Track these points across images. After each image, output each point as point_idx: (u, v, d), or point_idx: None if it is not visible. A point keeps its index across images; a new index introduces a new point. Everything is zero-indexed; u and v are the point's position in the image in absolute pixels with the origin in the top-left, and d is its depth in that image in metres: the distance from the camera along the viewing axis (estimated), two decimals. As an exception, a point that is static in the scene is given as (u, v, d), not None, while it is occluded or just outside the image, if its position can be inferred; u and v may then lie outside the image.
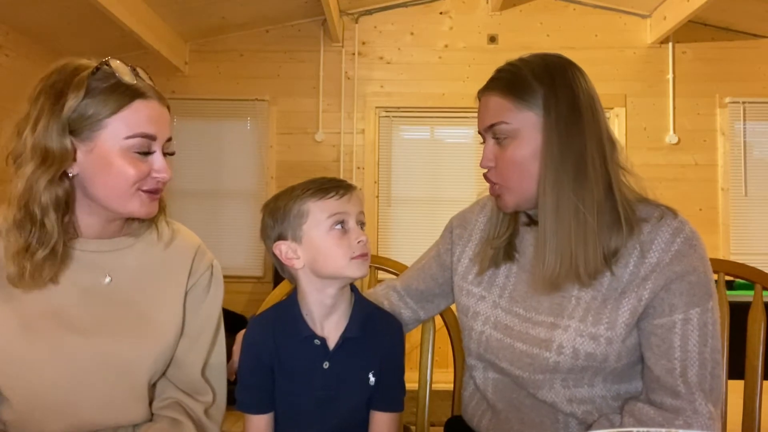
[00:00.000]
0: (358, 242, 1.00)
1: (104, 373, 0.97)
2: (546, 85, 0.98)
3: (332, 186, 1.01)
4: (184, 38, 4.19)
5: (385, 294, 1.24)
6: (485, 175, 1.05)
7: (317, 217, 1.00)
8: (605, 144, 0.98)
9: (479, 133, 1.06)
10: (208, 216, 4.21)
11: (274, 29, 4.29)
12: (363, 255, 1.00)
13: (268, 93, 4.23)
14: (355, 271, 0.99)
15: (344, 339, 1.02)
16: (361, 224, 1.02)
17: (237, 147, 4.28)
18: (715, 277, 1.27)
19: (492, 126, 1.01)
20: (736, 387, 1.25)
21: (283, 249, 1.02)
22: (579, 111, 0.97)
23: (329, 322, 1.03)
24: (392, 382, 1.06)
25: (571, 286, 0.98)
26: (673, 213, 0.99)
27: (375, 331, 1.05)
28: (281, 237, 1.03)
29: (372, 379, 1.03)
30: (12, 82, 3.28)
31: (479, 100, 1.06)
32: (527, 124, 0.98)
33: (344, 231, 1.00)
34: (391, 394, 1.06)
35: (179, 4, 3.64)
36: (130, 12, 3.25)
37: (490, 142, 1.03)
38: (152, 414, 1.04)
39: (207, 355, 1.08)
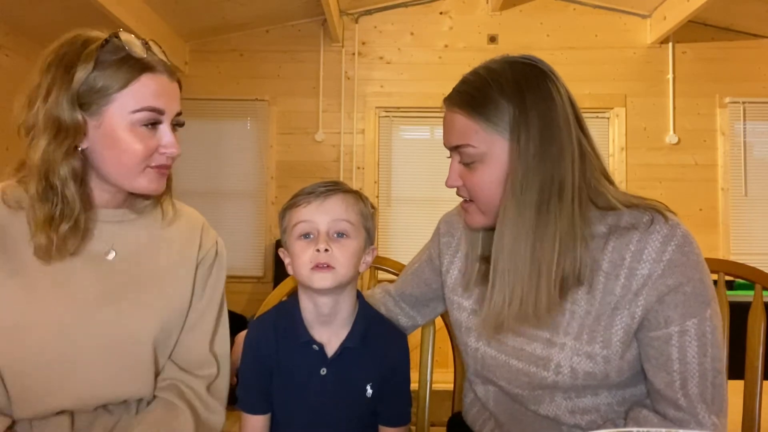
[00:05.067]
0: (317, 251, 0.96)
1: (109, 345, 0.97)
2: (515, 104, 0.89)
3: (304, 193, 1.00)
4: (184, 38, 4.19)
5: (382, 300, 1.22)
6: (457, 192, 0.99)
7: (289, 225, 1.00)
8: (577, 163, 0.90)
9: (445, 146, 0.97)
10: (207, 216, 4.09)
11: (274, 29, 4.29)
12: (318, 266, 0.96)
13: (268, 93, 4.23)
14: (313, 282, 0.96)
15: (344, 348, 1.01)
16: (338, 233, 0.97)
17: (237, 147, 4.28)
18: (715, 277, 1.27)
19: (458, 147, 0.94)
20: (736, 387, 1.25)
21: (282, 254, 1.04)
22: (551, 135, 0.89)
23: (327, 330, 1.02)
24: (397, 396, 1.05)
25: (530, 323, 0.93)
26: (664, 216, 0.91)
27: (377, 343, 1.03)
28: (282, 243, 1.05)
29: (370, 391, 1.01)
30: (12, 82, 3.28)
31: (444, 110, 0.95)
32: (496, 146, 0.91)
33: (309, 240, 0.97)
34: (397, 408, 1.05)
35: (179, 4, 3.64)
36: (130, 12, 3.25)
37: (456, 159, 0.96)
38: None
39: (213, 329, 1.08)
